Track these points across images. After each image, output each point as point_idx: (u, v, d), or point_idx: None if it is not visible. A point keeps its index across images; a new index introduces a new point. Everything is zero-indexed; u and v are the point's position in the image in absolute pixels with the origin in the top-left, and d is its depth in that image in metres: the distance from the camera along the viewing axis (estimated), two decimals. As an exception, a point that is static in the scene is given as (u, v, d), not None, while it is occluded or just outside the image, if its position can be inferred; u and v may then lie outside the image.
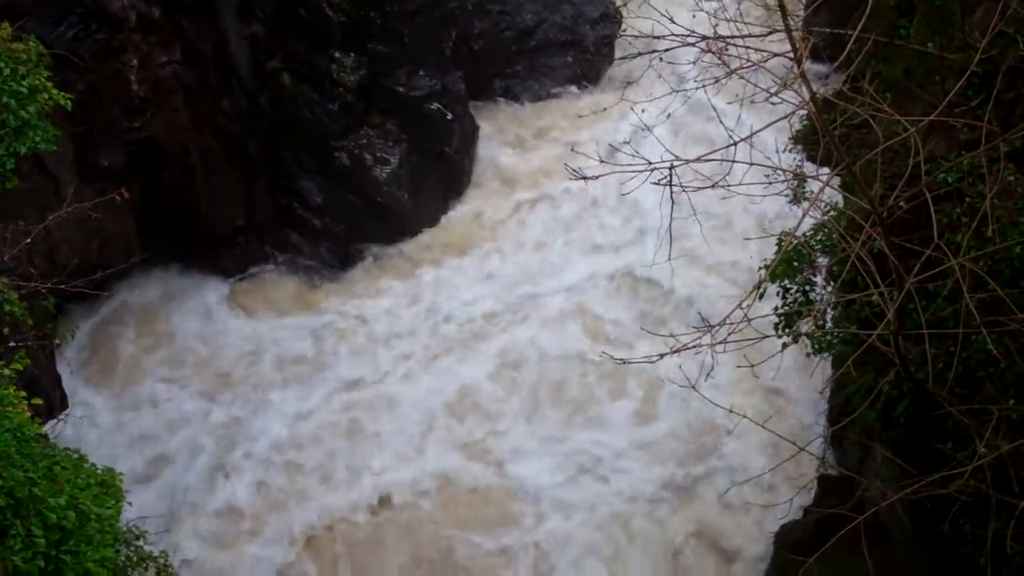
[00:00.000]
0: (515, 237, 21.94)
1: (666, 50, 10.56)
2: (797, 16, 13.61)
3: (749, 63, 9.51)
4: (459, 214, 22.57)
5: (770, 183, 10.77)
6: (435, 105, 22.03)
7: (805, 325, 12.27)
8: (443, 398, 19.16)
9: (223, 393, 19.58)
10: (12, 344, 11.56)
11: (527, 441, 18.51)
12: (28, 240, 10.93)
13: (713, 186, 9.16)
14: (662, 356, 9.23)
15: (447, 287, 21.06)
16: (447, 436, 18.67)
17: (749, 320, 9.53)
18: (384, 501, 17.82)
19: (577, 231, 21.83)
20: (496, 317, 20.38)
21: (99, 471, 9.56)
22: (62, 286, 11.09)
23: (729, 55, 9.65)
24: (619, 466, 17.95)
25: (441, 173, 22.37)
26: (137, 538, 9.52)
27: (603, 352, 9.86)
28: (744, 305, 9.14)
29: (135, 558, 9.26)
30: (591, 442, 18.35)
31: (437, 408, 19.04)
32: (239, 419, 19.06)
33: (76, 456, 9.63)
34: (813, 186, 12.15)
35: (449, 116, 22.19)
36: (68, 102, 12.05)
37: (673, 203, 8.44)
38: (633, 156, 8.82)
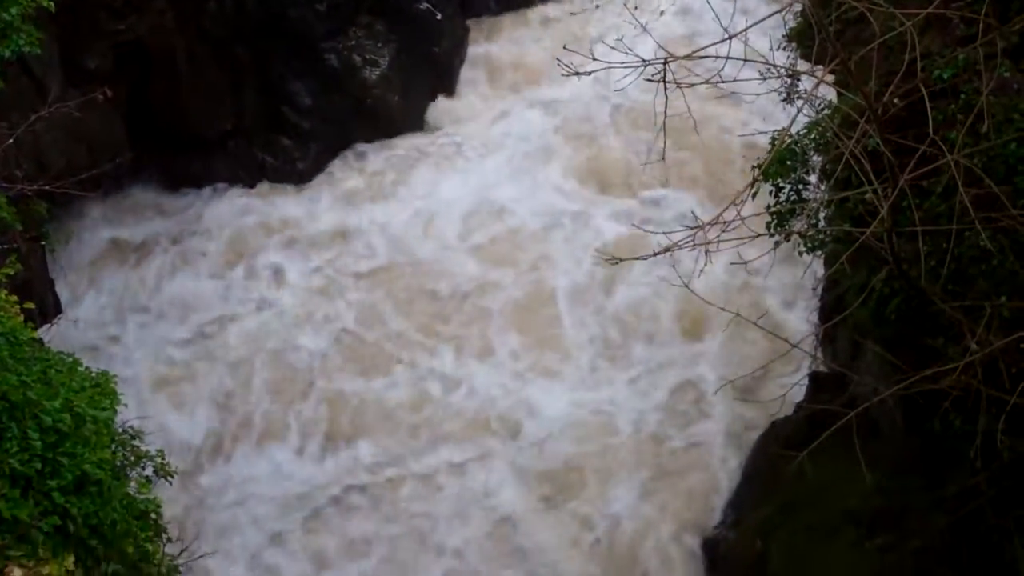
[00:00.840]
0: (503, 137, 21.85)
1: (659, -55, 10.39)
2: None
3: (744, -44, 9.36)
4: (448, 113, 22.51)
5: (764, 79, 10.66)
6: (424, 5, 21.71)
7: (798, 223, 12.24)
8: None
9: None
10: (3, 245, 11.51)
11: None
12: (11, 140, 10.79)
13: (706, 83, 9.06)
14: (656, 254, 9.21)
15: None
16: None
17: (743, 219, 9.50)
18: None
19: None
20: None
21: (93, 374, 9.59)
22: (47, 187, 11.02)
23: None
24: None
25: (431, 75, 22.13)
26: (133, 438, 9.57)
27: (597, 251, 9.80)
28: (737, 203, 9.10)
29: (132, 458, 9.32)
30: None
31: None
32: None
33: (70, 360, 9.64)
34: (807, 86, 12.04)
35: (439, 16, 21.88)
36: (51, 4, 11.86)
37: (667, 100, 8.36)
38: (627, 53, 8.71)
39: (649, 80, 8.56)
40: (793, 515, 14.81)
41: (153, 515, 8.87)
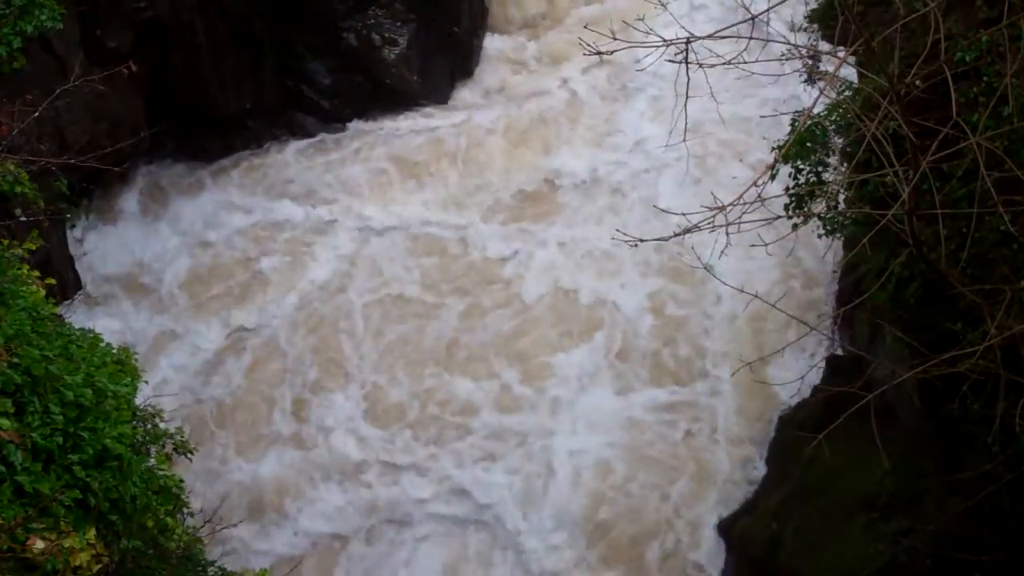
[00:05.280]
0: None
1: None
2: None
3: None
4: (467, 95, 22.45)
5: (786, 60, 10.60)
6: (444, -16, 21.68)
7: (817, 206, 12.21)
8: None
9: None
10: (23, 219, 11.56)
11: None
12: (36, 114, 10.83)
13: (728, 63, 9.01)
14: (675, 235, 9.18)
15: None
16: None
17: (763, 201, 9.46)
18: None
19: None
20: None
21: (114, 351, 9.64)
22: (71, 160, 11.06)
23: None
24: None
25: (450, 54, 22.09)
26: (153, 416, 9.64)
27: (617, 231, 9.78)
28: (757, 184, 9.07)
29: (152, 435, 9.38)
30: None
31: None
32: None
33: (91, 335, 9.70)
34: (828, 67, 11.98)
35: (458, -5, 21.83)
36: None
37: (688, 80, 8.31)
38: (648, 33, 8.66)
39: (671, 61, 8.52)
40: (808, 498, 14.81)
41: (175, 490, 8.93)
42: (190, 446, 10.25)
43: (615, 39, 8.68)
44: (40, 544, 6.88)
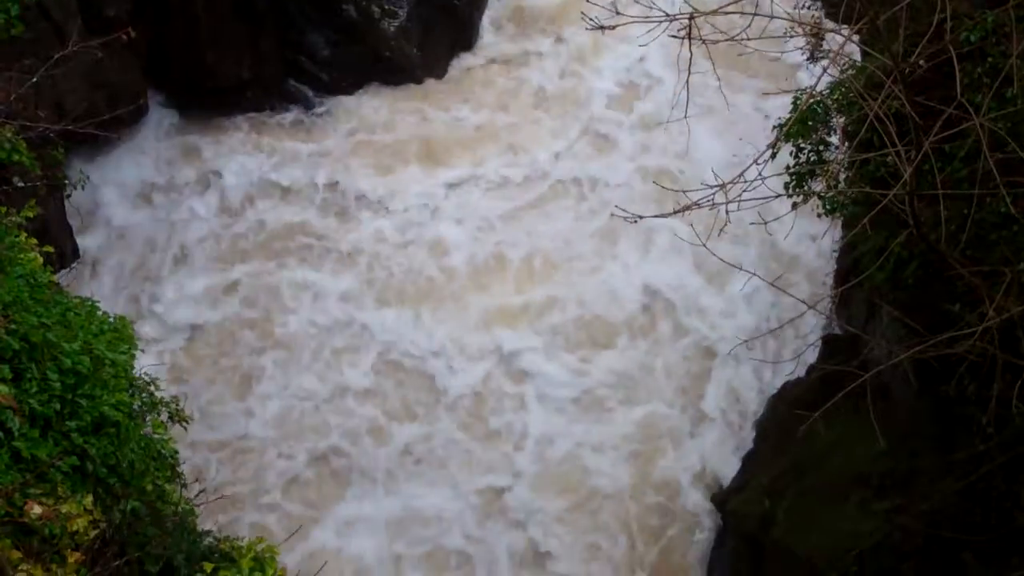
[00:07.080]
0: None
1: None
2: None
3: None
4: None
5: (790, 38, 10.56)
6: (444, -44, 21.57)
7: (817, 184, 12.19)
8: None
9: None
10: (21, 184, 11.51)
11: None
12: (33, 80, 10.76)
13: (731, 40, 8.97)
14: (675, 212, 9.16)
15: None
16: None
17: (763, 179, 9.44)
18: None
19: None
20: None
21: (111, 319, 9.62)
22: (69, 127, 11.00)
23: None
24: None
25: (450, 26, 22.00)
26: (149, 384, 9.62)
27: (616, 207, 9.77)
28: (758, 163, 9.05)
29: (149, 403, 9.37)
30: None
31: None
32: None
33: (89, 304, 9.67)
34: (831, 46, 11.93)
35: (459, -33, 21.72)
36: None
37: (691, 56, 8.27)
38: (651, 8, 8.63)
39: (674, 36, 8.48)
40: (802, 476, 14.85)
41: (170, 459, 8.94)
42: (185, 415, 10.23)
43: (617, 13, 8.65)
44: (37, 509, 6.90)
